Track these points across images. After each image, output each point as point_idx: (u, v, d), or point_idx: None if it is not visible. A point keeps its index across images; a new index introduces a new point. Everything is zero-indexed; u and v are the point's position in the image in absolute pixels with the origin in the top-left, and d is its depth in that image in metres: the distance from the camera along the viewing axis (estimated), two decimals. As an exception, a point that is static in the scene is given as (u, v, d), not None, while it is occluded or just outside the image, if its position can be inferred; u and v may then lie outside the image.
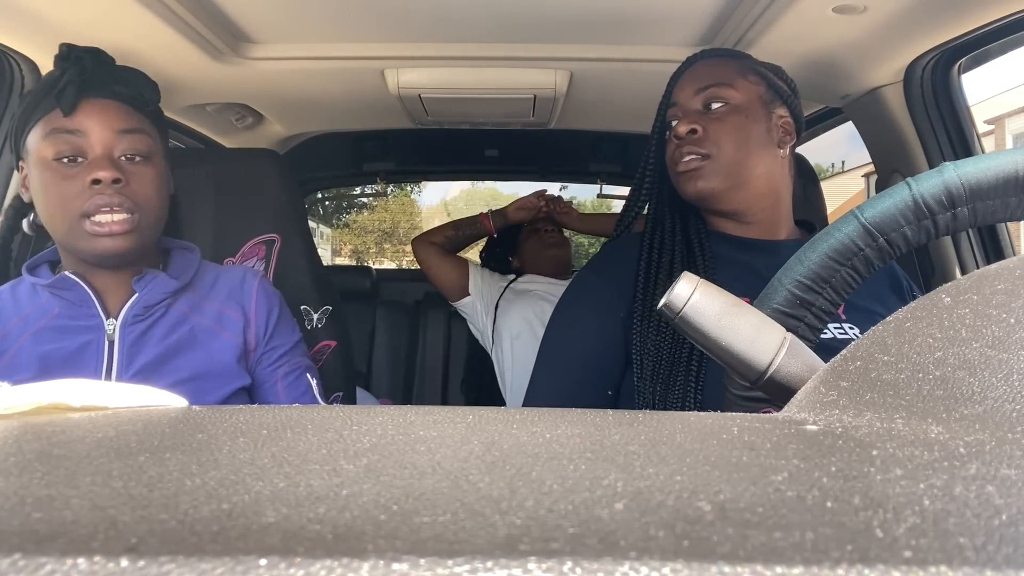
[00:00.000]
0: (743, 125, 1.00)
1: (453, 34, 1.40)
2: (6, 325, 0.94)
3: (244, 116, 1.89)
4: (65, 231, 0.92)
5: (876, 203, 0.45)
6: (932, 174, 0.45)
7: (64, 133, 0.90)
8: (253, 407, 0.29)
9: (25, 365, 0.92)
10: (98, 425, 0.26)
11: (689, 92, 1.04)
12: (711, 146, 1.00)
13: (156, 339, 0.97)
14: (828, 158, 19.94)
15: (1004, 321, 0.29)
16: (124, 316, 0.96)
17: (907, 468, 0.20)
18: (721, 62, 1.06)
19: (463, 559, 0.14)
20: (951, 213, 0.44)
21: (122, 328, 0.95)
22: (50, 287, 0.95)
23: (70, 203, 0.89)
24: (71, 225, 0.90)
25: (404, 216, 23.89)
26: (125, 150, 0.94)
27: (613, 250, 1.10)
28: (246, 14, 1.31)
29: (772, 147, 1.02)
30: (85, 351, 0.94)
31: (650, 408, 0.95)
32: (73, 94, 0.90)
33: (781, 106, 1.05)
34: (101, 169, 0.89)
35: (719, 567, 0.14)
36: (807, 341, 0.45)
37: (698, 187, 1.00)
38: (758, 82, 1.03)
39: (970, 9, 1.13)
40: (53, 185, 0.90)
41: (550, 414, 0.29)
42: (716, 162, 0.99)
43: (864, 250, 0.45)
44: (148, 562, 0.14)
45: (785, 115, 1.04)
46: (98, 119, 0.92)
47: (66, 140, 0.90)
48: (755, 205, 1.02)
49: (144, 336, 0.97)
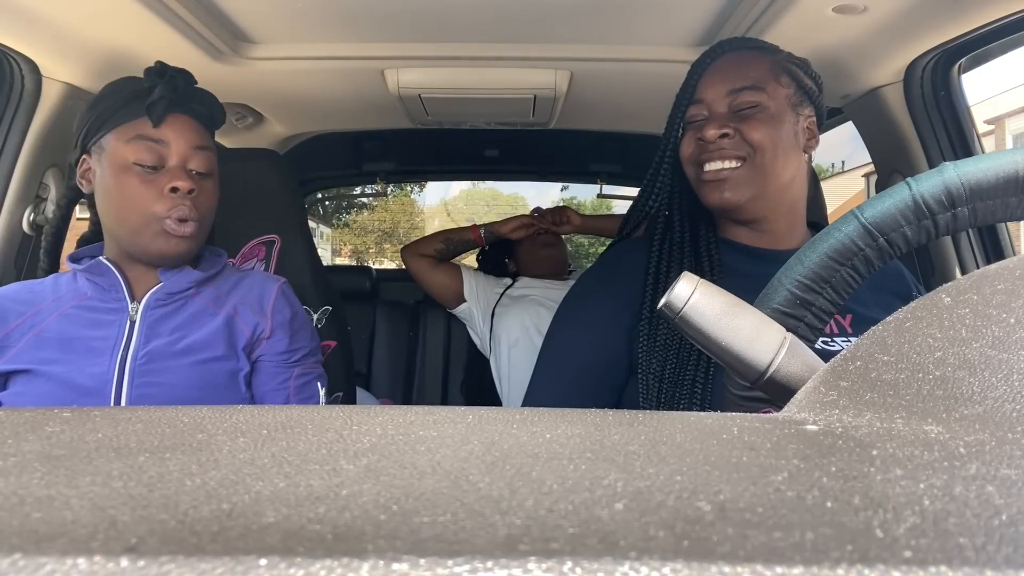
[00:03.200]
0: (775, 131, 0.94)
1: (453, 34, 1.40)
2: (40, 304, 1.02)
3: (244, 116, 1.89)
4: (136, 228, 1.00)
5: (876, 203, 0.45)
6: (932, 174, 0.45)
7: (150, 141, 1.00)
8: (253, 407, 0.29)
9: (49, 341, 0.99)
10: (98, 425, 0.26)
11: (718, 91, 0.97)
12: (744, 152, 0.94)
13: (174, 324, 1.03)
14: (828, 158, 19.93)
15: (1004, 321, 0.29)
16: (148, 300, 1.03)
17: (907, 468, 0.20)
18: (752, 59, 0.99)
19: (463, 559, 0.14)
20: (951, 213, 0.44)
21: (144, 311, 1.02)
22: (85, 271, 1.03)
23: (149, 205, 0.99)
24: (146, 224, 0.99)
25: (404, 216, 23.89)
26: (198, 165, 1.04)
27: (618, 255, 1.07)
28: (246, 14, 1.31)
29: (799, 152, 0.98)
30: (108, 328, 1.01)
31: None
32: (164, 108, 1.00)
33: (808, 106, 0.99)
34: (180, 179, 0.99)
35: (719, 567, 0.14)
36: (807, 341, 0.45)
37: (724, 197, 0.95)
38: (788, 83, 0.98)
39: (970, 9, 1.13)
40: (132, 187, 0.99)
41: (550, 414, 0.29)
42: (748, 171, 0.94)
43: (864, 250, 0.45)
44: (148, 562, 0.14)
45: (811, 115, 0.99)
46: (180, 133, 1.02)
47: (150, 148, 1.00)
48: (774, 213, 0.98)
49: (163, 320, 1.03)
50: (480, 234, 2.04)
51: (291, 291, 1.16)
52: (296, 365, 1.13)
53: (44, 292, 1.04)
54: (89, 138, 1.02)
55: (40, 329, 1.00)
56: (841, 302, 0.46)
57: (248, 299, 1.10)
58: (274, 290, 1.12)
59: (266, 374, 1.10)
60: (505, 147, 2.46)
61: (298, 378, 1.13)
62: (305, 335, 1.15)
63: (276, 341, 1.10)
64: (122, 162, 0.99)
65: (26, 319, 1.00)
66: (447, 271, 2.03)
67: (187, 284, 1.05)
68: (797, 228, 1.02)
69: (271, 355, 1.10)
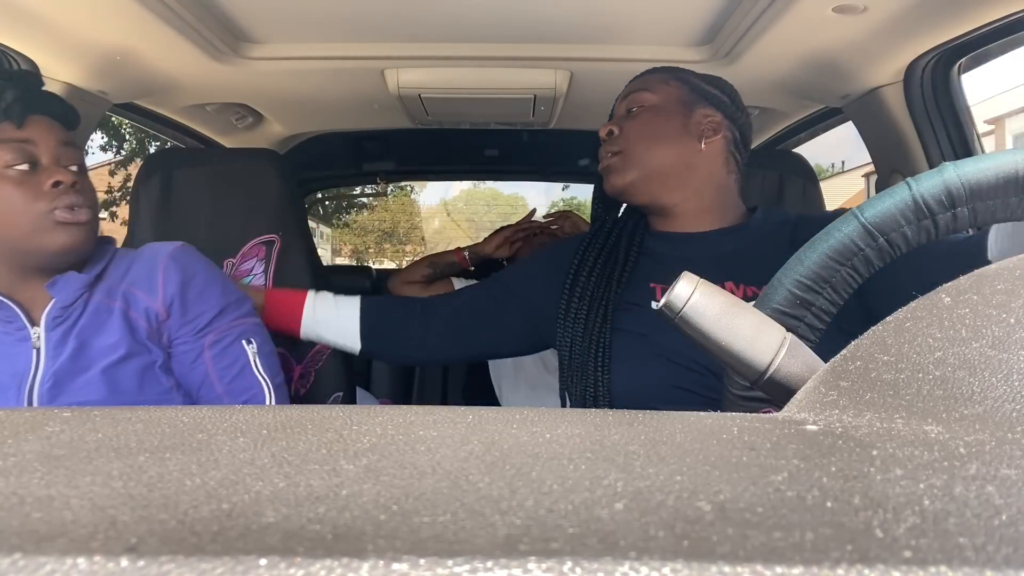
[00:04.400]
0: (654, 122, 1.08)
1: (453, 34, 1.40)
2: None
3: (244, 116, 1.89)
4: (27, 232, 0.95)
5: (876, 203, 0.45)
6: (932, 174, 0.45)
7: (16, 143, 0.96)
8: (253, 407, 0.29)
9: None
10: (98, 425, 0.26)
11: (619, 102, 1.15)
12: (623, 143, 1.08)
13: (74, 336, 0.99)
14: (828, 158, 19.94)
15: (1004, 321, 0.29)
16: (45, 322, 0.99)
17: (907, 468, 0.20)
18: (653, 74, 1.15)
19: (463, 559, 0.14)
20: (951, 213, 0.44)
21: (46, 333, 0.98)
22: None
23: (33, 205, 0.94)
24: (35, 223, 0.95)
25: (404, 216, 23.89)
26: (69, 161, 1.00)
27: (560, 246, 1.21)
28: (246, 14, 1.31)
29: (690, 140, 1.07)
30: (15, 362, 0.97)
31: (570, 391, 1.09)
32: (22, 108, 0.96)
33: (706, 107, 1.09)
34: (59, 174, 0.96)
35: (719, 567, 0.14)
36: (807, 341, 0.45)
37: (612, 182, 1.09)
38: (679, 86, 1.11)
39: (970, 9, 1.13)
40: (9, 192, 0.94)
41: (550, 414, 0.29)
42: (626, 157, 1.08)
43: (864, 250, 0.45)
44: (148, 562, 0.14)
45: (711, 114, 1.09)
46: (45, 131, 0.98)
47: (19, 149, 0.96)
48: (675, 198, 1.08)
49: (66, 336, 0.99)
50: (464, 256, 2.04)
51: (187, 253, 1.07)
52: (205, 333, 1.03)
53: None
54: None
55: None
56: (841, 302, 0.46)
57: (138, 280, 1.03)
58: (162, 260, 1.03)
59: (178, 360, 1.03)
60: (505, 147, 2.45)
61: (212, 347, 1.03)
62: (210, 296, 1.05)
63: (174, 319, 1.02)
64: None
65: None
66: (439, 288, 2.03)
67: (78, 291, 0.99)
68: (710, 212, 1.11)
69: (177, 334, 1.02)
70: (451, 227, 24.16)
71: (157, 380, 1.01)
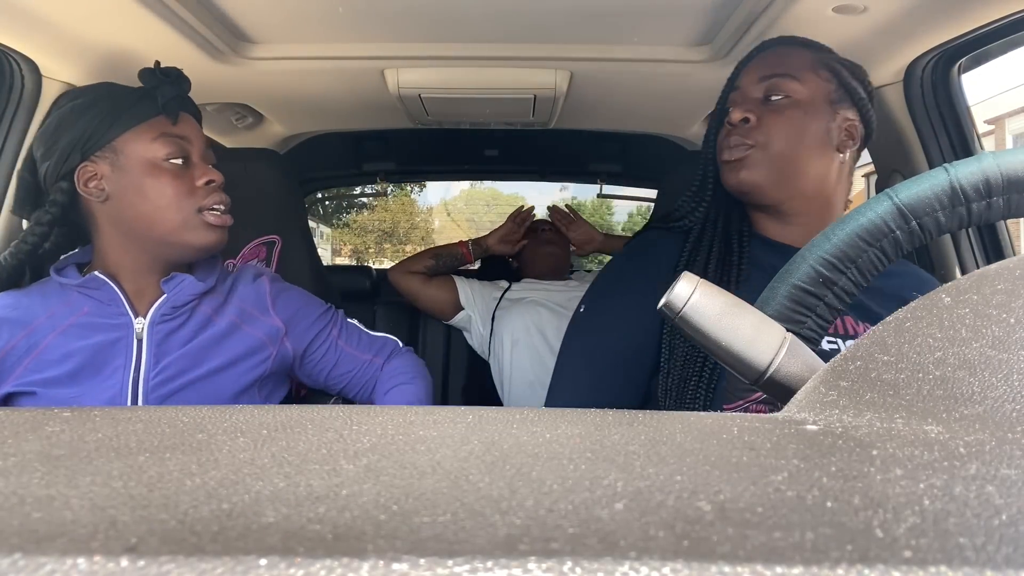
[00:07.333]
0: (800, 120, 0.96)
1: (453, 34, 1.40)
2: (33, 321, 0.97)
3: (244, 116, 1.89)
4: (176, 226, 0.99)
5: (912, 185, 0.44)
6: (971, 161, 0.44)
7: (175, 138, 1.01)
8: (253, 407, 0.29)
9: (54, 361, 0.96)
10: (98, 425, 0.26)
11: (753, 78, 1.00)
12: (761, 136, 0.96)
13: (183, 339, 1.01)
14: (828, 158, 19.90)
15: (1004, 321, 0.29)
16: (152, 315, 1.00)
17: (907, 468, 0.20)
18: (795, 51, 1.01)
19: (463, 559, 0.14)
20: (986, 202, 0.44)
21: (150, 327, 0.99)
22: (79, 287, 0.99)
23: (188, 200, 0.99)
24: (186, 219, 0.99)
25: (404, 216, 23.89)
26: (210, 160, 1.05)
27: (650, 243, 1.06)
28: (246, 14, 1.31)
29: (829, 148, 0.98)
30: (115, 347, 0.98)
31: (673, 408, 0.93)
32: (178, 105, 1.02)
33: (850, 108, 0.99)
34: (211, 173, 1.02)
35: (719, 567, 0.14)
36: (824, 320, 0.44)
37: (740, 177, 0.97)
38: (829, 79, 0.98)
39: (970, 9, 1.13)
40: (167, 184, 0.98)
41: (550, 414, 0.29)
42: (763, 153, 0.96)
43: (895, 232, 0.44)
44: (148, 562, 0.14)
45: (852, 118, 0.99)
46: (194, 130, 1.04)
47: (177, 144, 1.01)
48: (800, 204, 0.99)
49: (172, 336, 1.00)
50: (468, 249, 2.04)
51: (278, 278, 1.17)
52: (327, 327, 1.14)
53: (34, 308, 0.98)
54: (93, 142, 0.97)
55: (39, 349, 0.96)
56: (865, 284, 0.45)
57: (247, 298, 1.08)
58: (266, 288, 1.11)
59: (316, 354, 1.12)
60: (505, 147, 2.45)
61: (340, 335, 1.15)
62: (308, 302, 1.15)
63: (300, 332, 1.10)
64: (151, 161, 0.98)
65: (21, 339, 0.96)
66: (440, 283, 2.03)
67: (190, 296, 1.01)
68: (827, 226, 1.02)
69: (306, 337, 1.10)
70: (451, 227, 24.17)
71: (253, 396, 1.06)
